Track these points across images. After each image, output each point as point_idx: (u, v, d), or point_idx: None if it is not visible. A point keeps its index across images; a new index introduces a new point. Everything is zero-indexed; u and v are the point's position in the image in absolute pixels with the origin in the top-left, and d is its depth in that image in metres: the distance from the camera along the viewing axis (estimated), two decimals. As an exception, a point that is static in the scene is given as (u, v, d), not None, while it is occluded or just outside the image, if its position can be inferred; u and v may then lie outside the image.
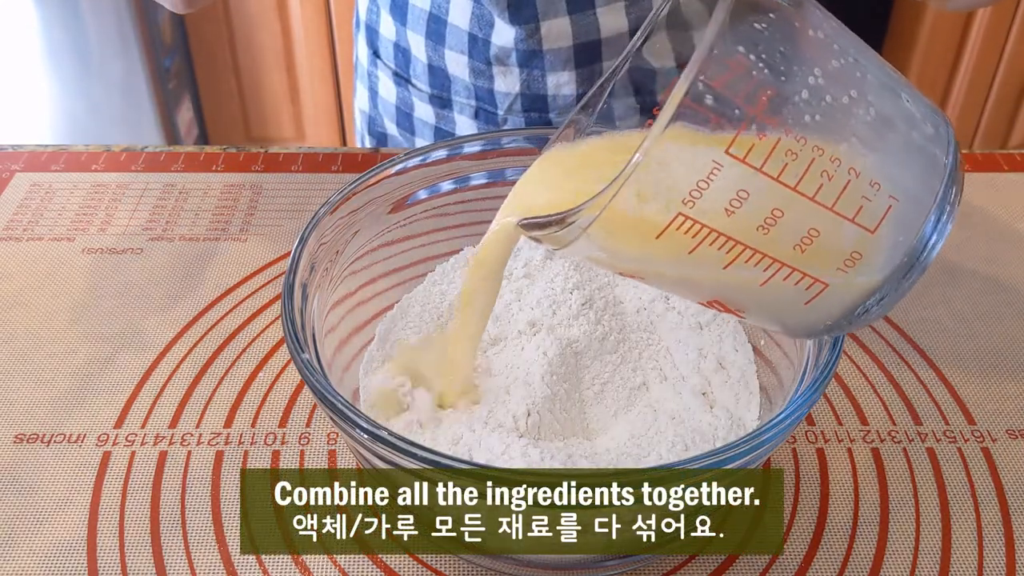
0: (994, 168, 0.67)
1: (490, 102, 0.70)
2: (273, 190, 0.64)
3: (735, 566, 0.41)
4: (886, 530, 0.43)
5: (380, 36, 0.74)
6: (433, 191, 0.49)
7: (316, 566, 0.41)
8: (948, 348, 0.52)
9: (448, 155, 0.48)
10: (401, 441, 0.33)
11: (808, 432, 0.47)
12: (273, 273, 0.57)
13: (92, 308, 0.55)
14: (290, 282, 0.40)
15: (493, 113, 0.71)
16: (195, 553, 0.42)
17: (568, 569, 0.40)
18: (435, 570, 0.41)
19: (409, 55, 0.72)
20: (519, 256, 0.51)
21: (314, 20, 1.66)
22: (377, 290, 0.48)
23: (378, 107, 0.78)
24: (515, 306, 0.48)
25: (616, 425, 0.43)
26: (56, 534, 0.43)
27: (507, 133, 0.49)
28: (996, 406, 0.49)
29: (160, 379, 0.50)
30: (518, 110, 0.70)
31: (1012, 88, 1.69)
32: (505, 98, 0.70)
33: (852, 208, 0.32)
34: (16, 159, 0.67)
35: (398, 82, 0.75)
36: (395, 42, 0.73)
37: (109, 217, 0.62)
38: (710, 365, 0.45)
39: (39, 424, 0.48)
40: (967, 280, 0.57)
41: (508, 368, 0.45)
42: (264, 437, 0.47)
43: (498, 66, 0.68)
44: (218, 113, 1.78)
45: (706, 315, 0.48)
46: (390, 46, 0.73)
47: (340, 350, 0.45)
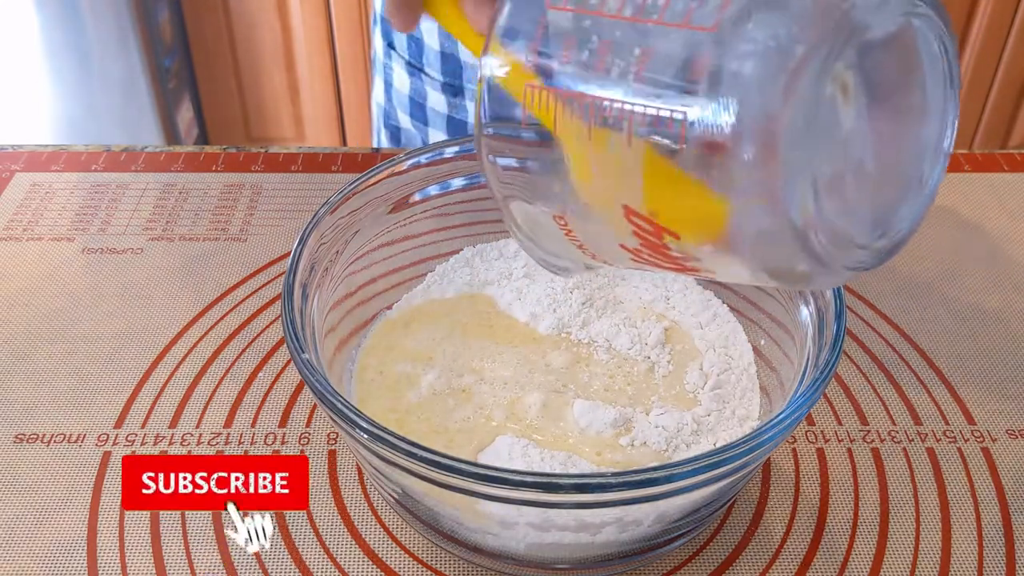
0: (994, 168, 0.67)
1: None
2: (273, 190, 0.64)
3: (735, 566, 0.41)
4: (886, 530, 0.43)
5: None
6: (433, 191, 0.49)
7: (316, 566, 0.41)
8: (948, 348, 0.52)
9: (448, 155, 0.48)
10: (401, 441, 0.33)
11: (808, 432, 0.47)
12: (273, 273, 0.57)
13: (92, 308, 0.55)
14: (290, 282, 0.40)
15: None
16: (195, 553, 0.42)
17: (568, 569, 0.40)
18: (435, 570, 0.41)
19: (422, 44, 0.73)
20: (519, 256, 0.51)
21: (314, 20, 1.66)
22: (377, 290, 0.48)
23: (392, 100, 0.79)
24: (515, 306, 0.48)
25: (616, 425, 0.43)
26: (56, 534, 0.43)
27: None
28: (996, 406, 0.49)
29: (160, 379, 0.50)
30: None
31: (1012, 88, 1.69)
32: None
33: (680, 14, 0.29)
34: (16, 159, 0.67)
35: (411, 72, 0.75)
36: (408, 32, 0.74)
37: (109, 217, 0.62)
38: (710, 365, 0.45)
39: (39, 424, 0.48)
40: (967, 280, 0.57)
41: (508, 368, 0.45)
42: (264, 437, 0.47)
43: None
44: (218, 113, 1.78)
45: (706, 315, 0.48)
46: (404, 37, 0.75)
47: (340, 350, 0.45)
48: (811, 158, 0.28)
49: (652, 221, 0.31)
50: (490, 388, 0.44)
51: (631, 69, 0.29)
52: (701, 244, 0.32)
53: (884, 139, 0.31)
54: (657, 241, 0.32)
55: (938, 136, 0.32)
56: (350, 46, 1.68)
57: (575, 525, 0.36)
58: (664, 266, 0.34)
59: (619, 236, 0.33)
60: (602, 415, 0.42)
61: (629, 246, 0.33)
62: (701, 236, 0.31)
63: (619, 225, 0.32)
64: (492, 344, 0.46)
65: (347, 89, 1.73)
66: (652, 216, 0.31)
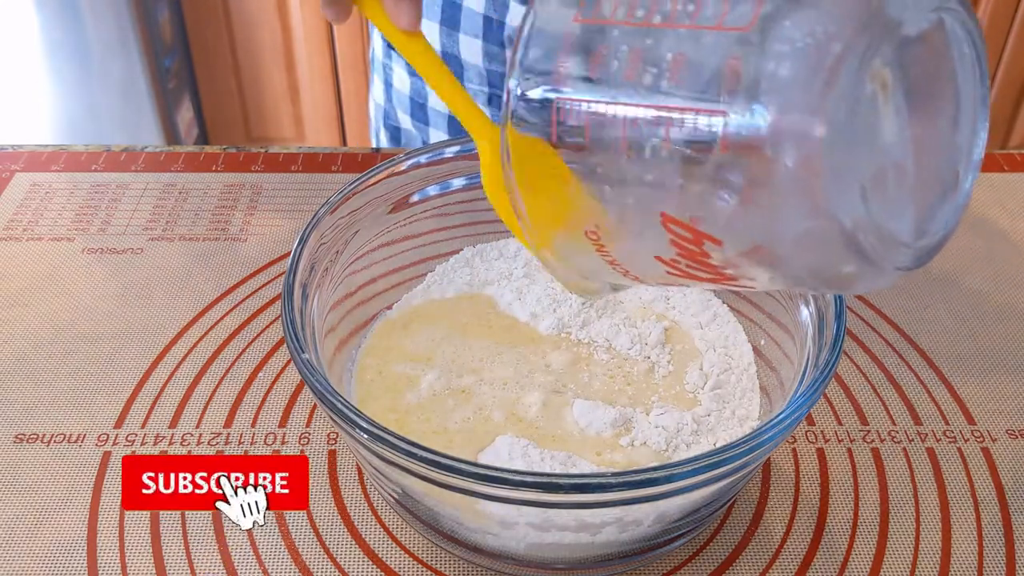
0: (994, 168, 0.67)
1: (502, 87, 0.71)
2: (273, 190, 0.64)
3: (735, 566, 0.41)
4: (886, 530, 0.43)
5: None
6: (433, 191, 0.49)
7: (316, 566, 0.41)
8: (948, 348, 0.52)
9: (448, 155, 0.48)
10: (401, 441, 0.33)
11: (808, 432, 0.47)
12: (273, 273, 0.57)
13: (92, 308, 0.55)
14: (290, 282, 0.40)
15: None
16: (195, 553, 0.42)
17: (568, 569, 0.40)
18: (435, 570, 0.41)
19: None
20: (519, 256, 0.51)
21: (314, 20, 1.66)
22: (377, 290, 0.48)
23: (392, 100, 0.79)
24: (515, 306, 0.48)
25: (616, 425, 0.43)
26: (56, 534, 0.43)
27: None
28: (996, 406, 0.49)
29: (160, 379, 0.50)
30: None
31: (1012, 88, 1.69)
32: None
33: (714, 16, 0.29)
34: (16, 159, 0.67)
35: (412, 72, 0.75)
36: None
37: (109, 217, 0.62)
38: (710, 365, 0.45)
39: (39, 424, 0.48)
40: (967, 280, 0.57)
41: (508, 368, 0.45)
42: (264, 437, 0.47)
43: (511, 49, 0.69)
44: (218, 113, 1.78)
45: (706, 315, 0.48)
46: None
47: (340, 350, 0.45)
48: (856, 157, 0.28)
49: (692, 228, 0.31)
50: (490, 388, 0.44)
51: (664, 75, 0.29)
52: (744, 250, 0.31)
53: (921, 138, 0.31)
54: (696, 249, 0.31)
55: (971, 135, 0.32)
56: (350, 46, 1.68)
57: (575, 525, 0.36)
58: (700, 277, 0.33)
59: (655, 248, 0.33)
60: (602, 415, 0.42)
61: (665, 257, 0.33)
62: (745, 241, 0.31)
63: (656, 235, 0.32)
64: (492, 344, 0.46)
65: (347, 89, 1.73)
66: (693, 223, 0.31)
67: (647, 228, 0.32)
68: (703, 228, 0.31)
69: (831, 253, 0.29)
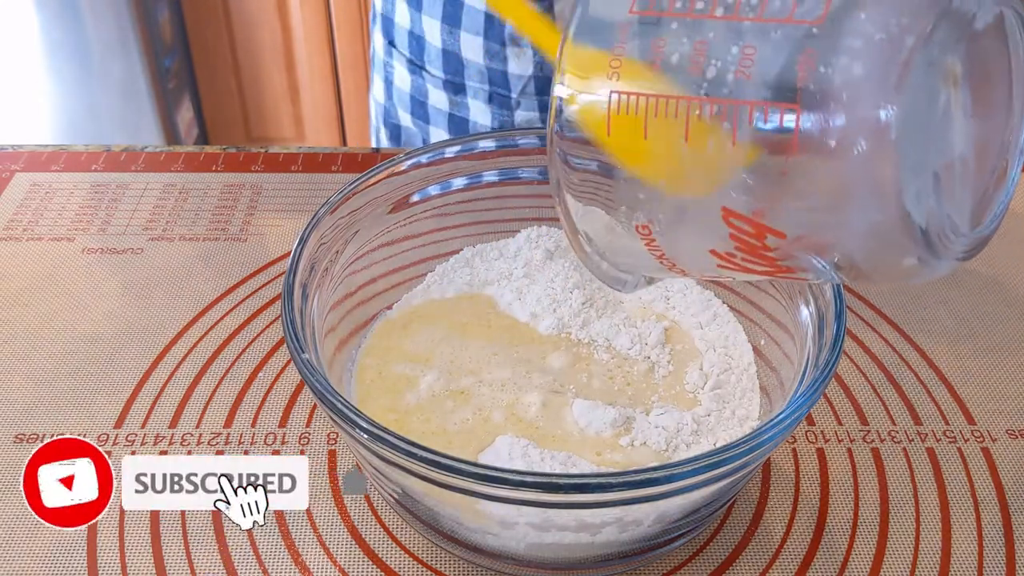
0: (994, 168, 0.67)
1: (503, 85, 0.71)
2: (273, 190, 0.64)
3: (735, 566, 0.41)
4: (886, 530, 0.43)
5: (395, 25, 0.76)
6: (433, 191, 0.49)
7: (316, 566, 0.41)
8: (948, 348, 0.52)
9: (448, 155, 0.48)
10: (401, 441, 0.33)
11: (808, 432, 0.47)
12: (273, 273, 0.57)
13: (92, 308, 0.55)
14: (290, 282, 0.40)
15: (507, 97, 0.72)
16: (195, 553, 0.42)
17: (568, 569, 0.40)
18: (435, 570, 0.41)
19: (423, 42, 0.73)
20: (519, 256, 0.51)
21: (314, 20, 1.66)
22: (377, 290, 0.48)
23: (393, 98, 0.79)
24: (515, 306, 0.48)
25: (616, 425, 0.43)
26: (56, 534, 0.42)
27: (507, 134, 0.49)
28: (996, 406, 0.49)
29: (160, 379, 0.50)
30: (531, 93, 0.71)
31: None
32: (519, 80, 0.71)
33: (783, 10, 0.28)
34: (16, 159, 0.67)
35: (412, 70, 0.75)
36: (410, 30, 0.74)
37: (109, 217, 0.62)
38: (710, 365, 0.45)
39: (39, 424, 0.48)
40: (967, 280, 0.57)
41: (508, 368, 0.45)
42: (264, 437, 0.47)
43: (512, 47, 0.69)
44: (218, 113, 1.78)
45: (706, 315, 0.48)
46: (405, 34, 0.75)
47: (340, 350, 0.45)
48: (929, 151, 0.28)
49: (755, 222, 0.30)
50: (489, 389, 0.44)
51: (731, 68, 0.29)
52: (810, 243, 0.31)
53: (981, 130, 0.31)
54: (757, 243, 0.31)
55: (1019, 126, 0.32)
56: (350, 46, 1.68)
57: (575, 525, 0.36)
58: (754, 269, 0.33)
59: (711, 242, 0.32)
60: (602, 415, 0.42)
61: (720, 251, 0.32)
62: (812, 235, 0.31)
63: (714, 229, 0.31)
64: (492, 344, 0.46)
65: (347, 89, 1.73)
66: (756, 216, 0.30)
67: (706, 222, 0.32)
68: (767, 222, 0.30)
69: (899, 246, 0.29)
